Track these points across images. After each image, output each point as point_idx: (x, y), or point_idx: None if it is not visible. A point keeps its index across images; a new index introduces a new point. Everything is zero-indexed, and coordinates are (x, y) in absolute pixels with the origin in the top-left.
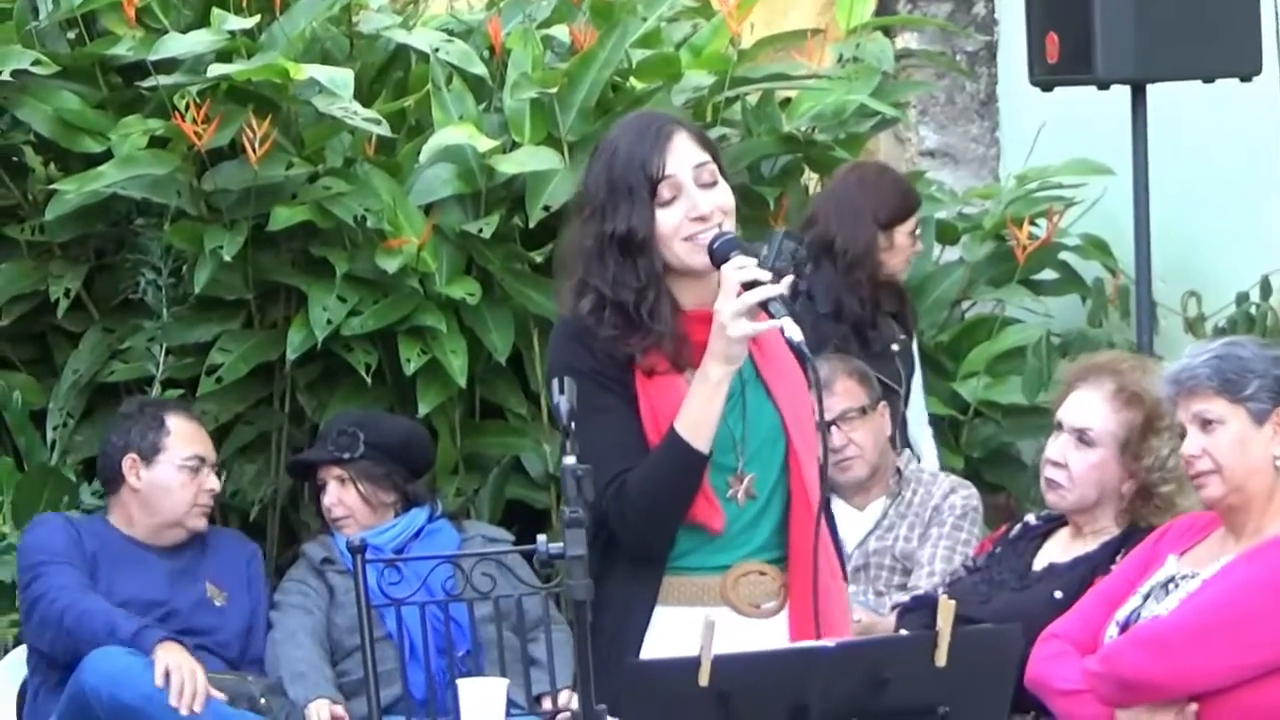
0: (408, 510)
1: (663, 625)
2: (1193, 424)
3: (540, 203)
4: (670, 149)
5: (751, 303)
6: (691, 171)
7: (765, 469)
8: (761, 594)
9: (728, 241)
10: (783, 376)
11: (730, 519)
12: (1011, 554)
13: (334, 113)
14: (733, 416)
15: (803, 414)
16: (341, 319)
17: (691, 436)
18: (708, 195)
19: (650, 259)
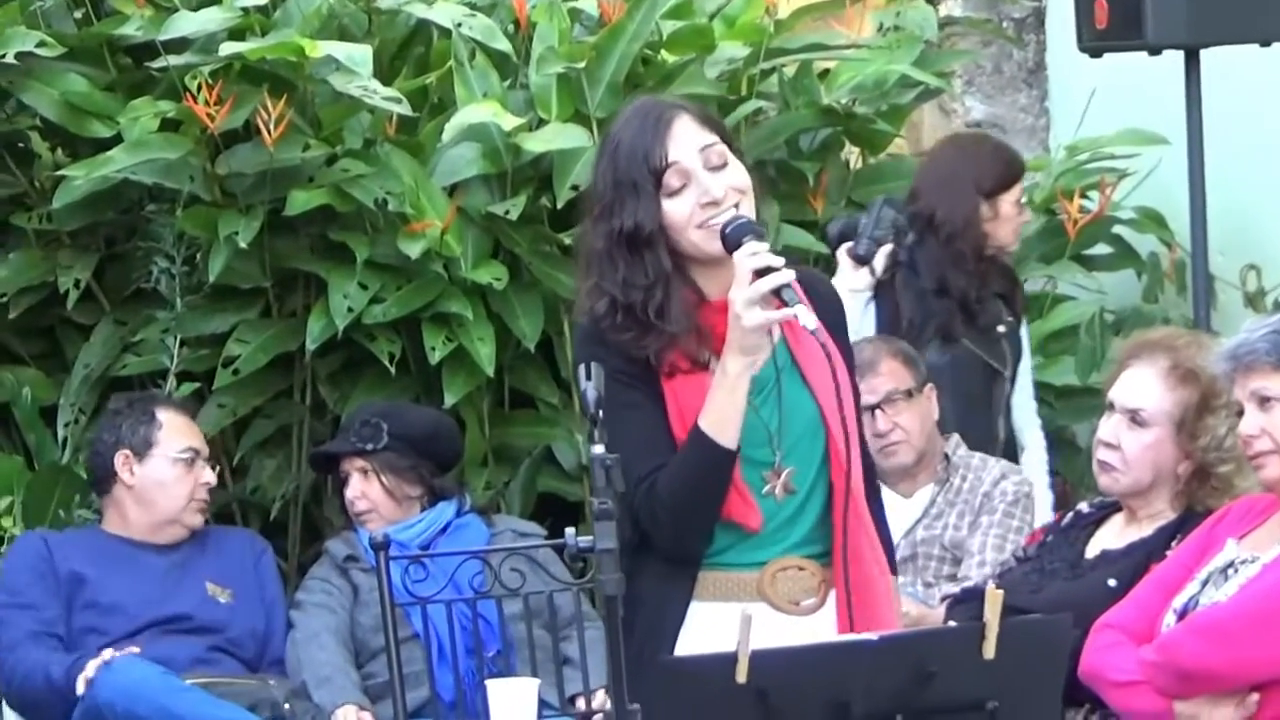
0: (434, 505)
1: (699, 621)
2: (1250, 402)
3: (569, 182)
4: (672, 136)
5: (763, 290)
6: (698, 155)
7: (804, 462)
8: (800, 590)
9: (740, 226)
10: (820, 364)
11: (768, 515)
12: (1063, 542)
13: (352, 91)
14: (766, 408)
15: (844, 396)
16: (363, 307)
17: (716, 433)
18: (718, 178)
19: (658, 255)
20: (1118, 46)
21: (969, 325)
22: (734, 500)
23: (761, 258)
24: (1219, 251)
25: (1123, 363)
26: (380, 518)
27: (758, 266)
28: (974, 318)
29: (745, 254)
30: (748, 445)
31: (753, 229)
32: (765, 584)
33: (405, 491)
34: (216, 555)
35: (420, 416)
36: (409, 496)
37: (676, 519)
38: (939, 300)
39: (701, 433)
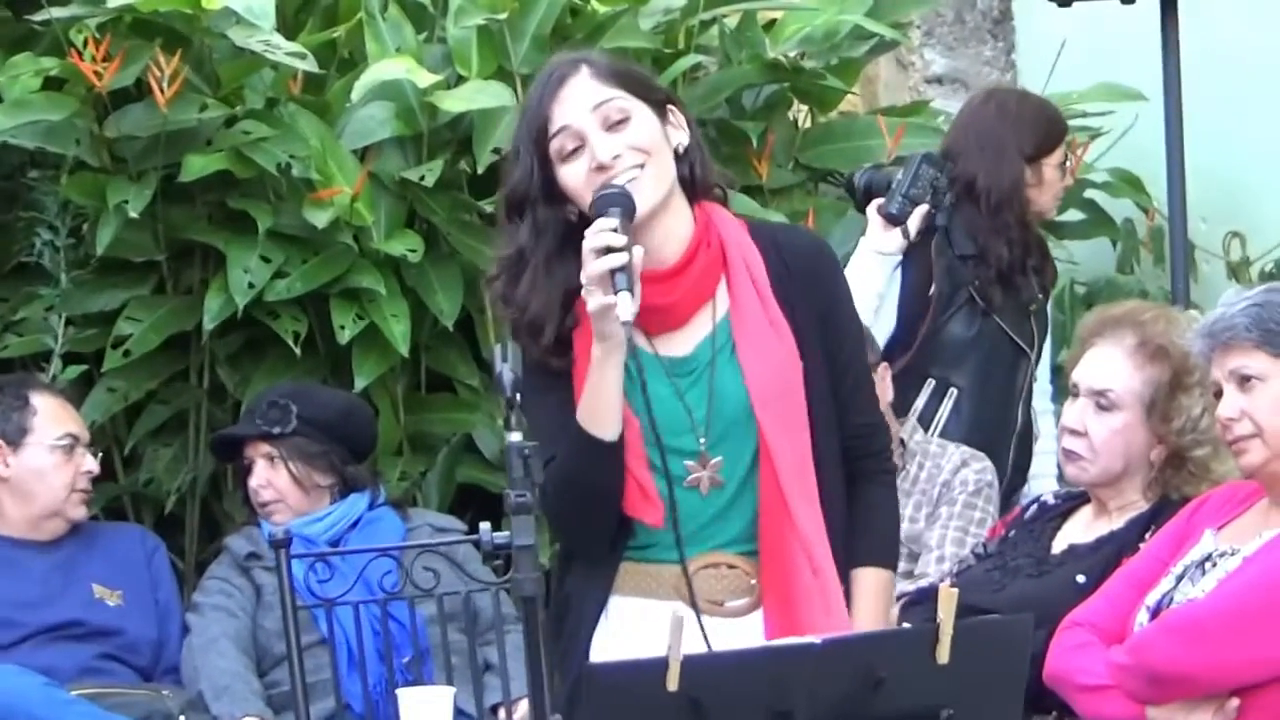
0: (345, 496)
1: (616, 617)
2: (1229, 382)
3: (490, 145)
4: (561, 96)
5: (596, 273)
6: (591, 114)
7: (735, 453)
8: (726, 590)
9: (605, 197)
10: (761, 347)
11: (692, 509)
12: (1027, 537)
13: (253, 47)
14: (694, 393)
15: (783, 389)
16: (265, 282)
17: (589, 424)
18: (612, 138)
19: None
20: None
21: (1007, 298)
22: (632, 493)
23: (601, 236)
24: (1200, 218)
25: (1086, 341)
26: (288, 509)
27: (597, 246)
28: (1016, 291)
29: (591, 231)
30: (668, 432)
31: (618, 201)
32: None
33: (315, 480)
34: (104, 554)
35: (332, 398)
36: (319, 486)
37: (563, 513)
38: (977, 269)
39: (577, 424)
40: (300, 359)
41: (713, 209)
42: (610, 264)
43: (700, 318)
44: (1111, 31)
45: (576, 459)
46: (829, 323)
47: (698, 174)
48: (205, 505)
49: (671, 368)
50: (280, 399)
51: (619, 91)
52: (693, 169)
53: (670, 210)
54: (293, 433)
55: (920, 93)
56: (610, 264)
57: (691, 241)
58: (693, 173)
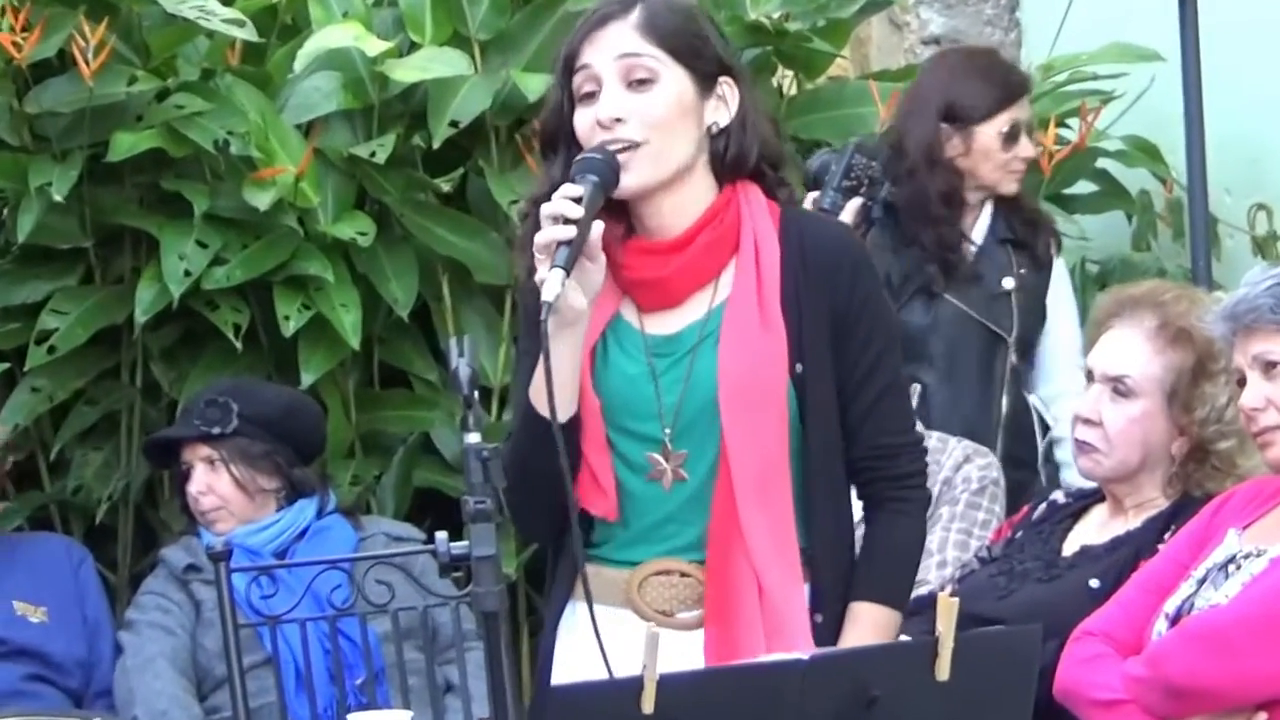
0: (292, 503)
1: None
2: (1253, 368)
3: (446, 118)
4: (596, 36)
5: (542, 242)
6: (614, 65)
7: (700, 448)
8: (676, 599)
9: (586, 161)
10: (742, 339)
11: (650, 505)
12: (1035, 538)
13: (186, 13)
14: (669, 377)
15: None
16: (202, 269)
17: (535, 401)
18: (625, 97)
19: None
20: None
21: (963, 279)
22: (585, 482)
23: (559, 203)
24: (1223, 188)
25: (1101, 324)
26: (230, 517)
27: (552, 212)
28: (952, 274)
29: (556, 194)
30: (631, 416)
31: (598, 170)
32: (633, 589)
33: (259, 484)
34: (25, 567)
35: (277, 395)
36: (264, 491)
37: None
38: (911, 252)
39: (525, 398)
40: (241, 353)
41: (747, 190)
42: (556, 235)
43: (697, 299)
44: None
45: (523, 439)
46: (844, 326)
47: (730, 154)
48: (139, 514)
49: (654, 346)
50: (220, 396)
51: (657, 51)
52: (726, 149)
53: (686, 184)
54: (234, 433)
55: (916, 55)
56: (556, 235)
57: (700, 218)
58: (725, 154)
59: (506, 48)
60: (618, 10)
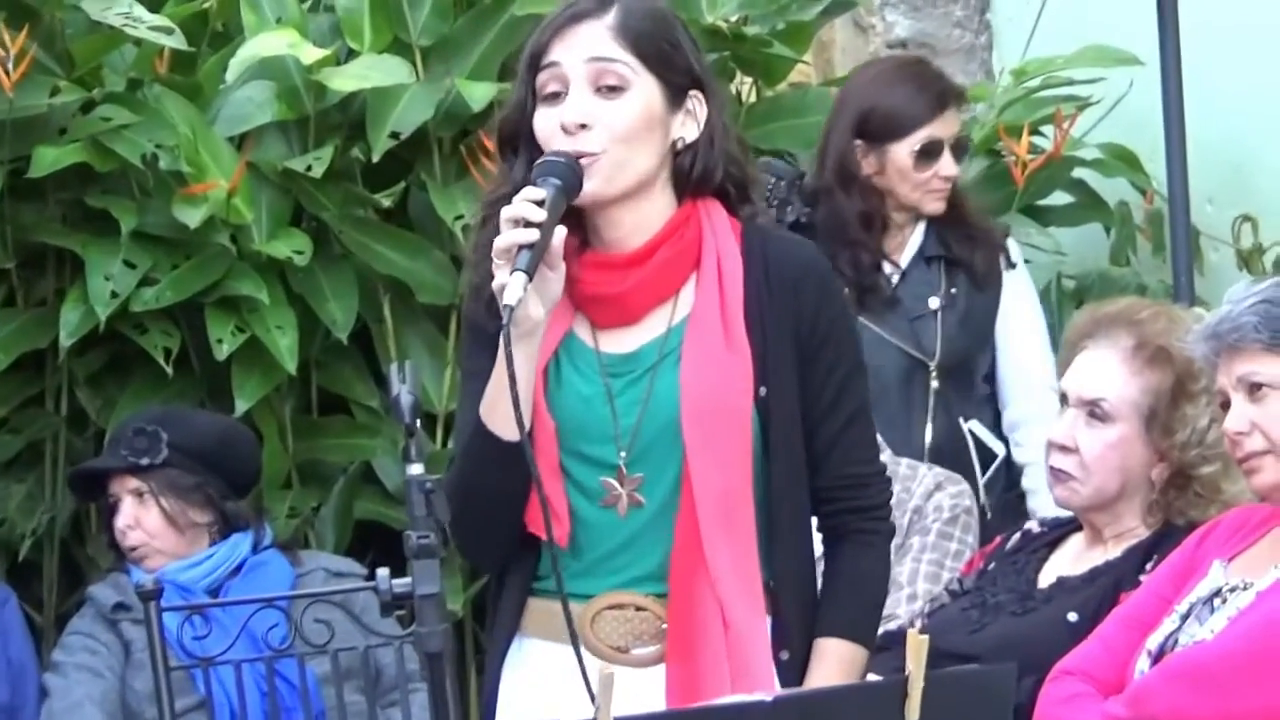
0: (226, 537)
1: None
2: (1237, 390)
3: (386, 128)
4: (568, 33)
5: (502, 245)
6: (584, 66)
7: (658, 472)
8: (631, 634)
9: (549, 164)
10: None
11: (604, 533)
12: (1009, 569)
13: (111, 20)
14: (626, 397)
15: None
16: (130, 290)
17: (487, 418)
18: (591, 102)
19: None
20: None
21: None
22: (536, 506)
23: (521, 206)
24: (1206, 199)
25: (1075, 344)
26: (159, 553)
27: (513, 215)
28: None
29: (517, 197)
30: (584, 439)
31: (561, 173)
32: (586, 624)
33: (191, 518)
34: None
35: (209, 423)
36: (195, 524)
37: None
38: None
39: (477, 417)
40: (172, 379)
41: (709, 206)
42: (518, 238)
43: (655, 316)
44: None
45: (472, 458)
46: (809, 348)
47: (695, 171)
48: (65, 549)
49: (610, 365)
50: (148, 425)
51: (630, 57)
52: (692, 165)
53: (646, 199)
54: (163, 464)
55: None
56: (518, 238)
57: (661, 232)
58: (690, 170)
59: (449, 54)
60: (593, 8)
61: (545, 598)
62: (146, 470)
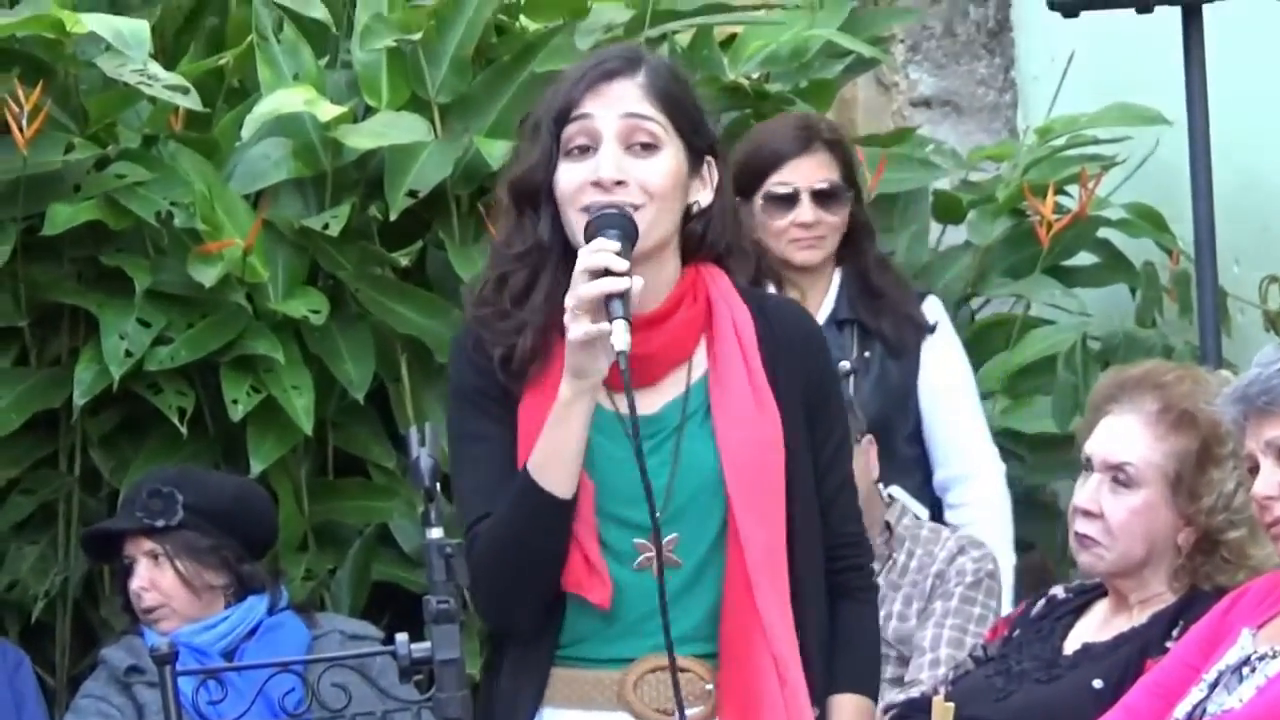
0: (242, 599)
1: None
2: (1266, 455)
3: (404, 187)
4: (601, 88)
5: (589, 296)
6: (618, 121)
7: (695, 531)
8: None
9: (607, 216)
10: (740, 414)
11: (640, 595)
12: (1034, 636)
13: (126, 77)
14: (656, 458)
15: (761, 465)
16: (145, 349)
17: (540, 475)
18: (624, 160)
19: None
20: (1099, 2)
21: None
22: (576, 566)
23: (601, 256)
24: (1233, 259)
25: (1099, 408)
26: (175, 615)
27: (593, 266)
28: None
29: (588, 249)
30: (619, 502)
31: (620, 224)
32: (629, 688)
33: (206, 580)
34: None
35: (223, 484)
36: (211, 587)
37: (492, 581)
38: None
39: (526, 473)
40: (187, 439)
41: (706, 269)
42: (607, 288)
43: (673, 377)
44: (1126, 45)
45: (521, 517)
46: (815, 407)
47: (708, 236)
48: (78, 611)
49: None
50: (163, 486)
51: (662, 117)
52: (705, 232)
53: (659, 262)
54: (179, 525)
55: (905, 118)
56: (607, 288)
57: (675, 293)
58: (703, 235)
59: (468, 112)
60: (623, 66)
61: (572, 666)
62: (162, 532)
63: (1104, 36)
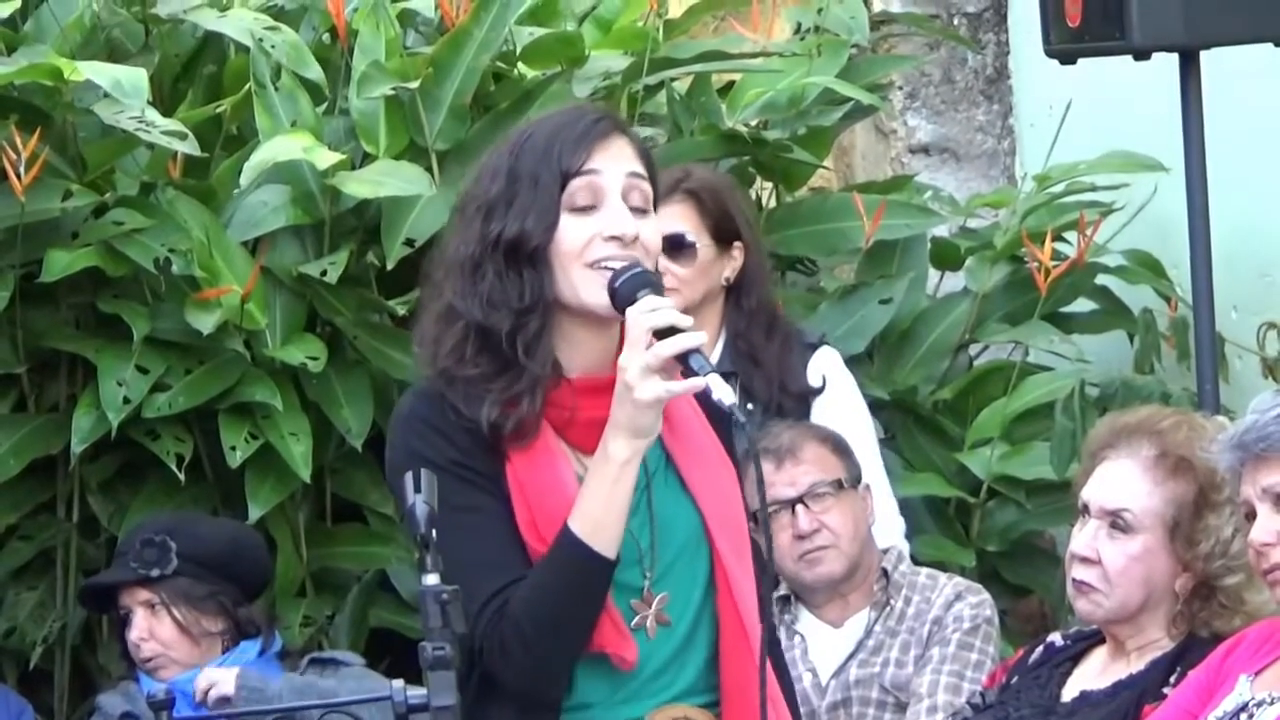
0: (238, 644)
1: None
2: (1264, 501)
3: (402, 234)
4: (604, 145)
5: (666, 355)
6: (623, 180)
7: (683, 587)
8: None
9: (637, 276)
10: (702, 462)
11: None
12: (1032, 684)
13: (124, 124)
14: (636, 520)
15: (732, 510)
16: (143, 396)
17: (591, 537)
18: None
19: (541, 275)
20: (1096, 50)
21: None
22: (605, 628)
23: (664, 314)
24: (1231, 306)
25: (1096, 454)
26: (174, 663)
27: (658, 325)
28: None
29: (643, 309)
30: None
31: (653, 283)
32: None
33: (204, 627)
34: None
35: (216, 529)
36: (209, 633)
37: (535, 649)
38: None
39: (574, 537)
40: (185, 485)
41: None
42: (688, 344)
43: None
44: (1124, 92)
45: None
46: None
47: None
48: (76, 657)
49: None
50: (156, 535)
51: (649, 179)
52: None
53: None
54: (174, 573)
55: (904, 165)
56: (688, 344)
57: None
58: None
59: (466, 159)
60: (617, 124)
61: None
62: (157, 581)
63: (1101, 84)
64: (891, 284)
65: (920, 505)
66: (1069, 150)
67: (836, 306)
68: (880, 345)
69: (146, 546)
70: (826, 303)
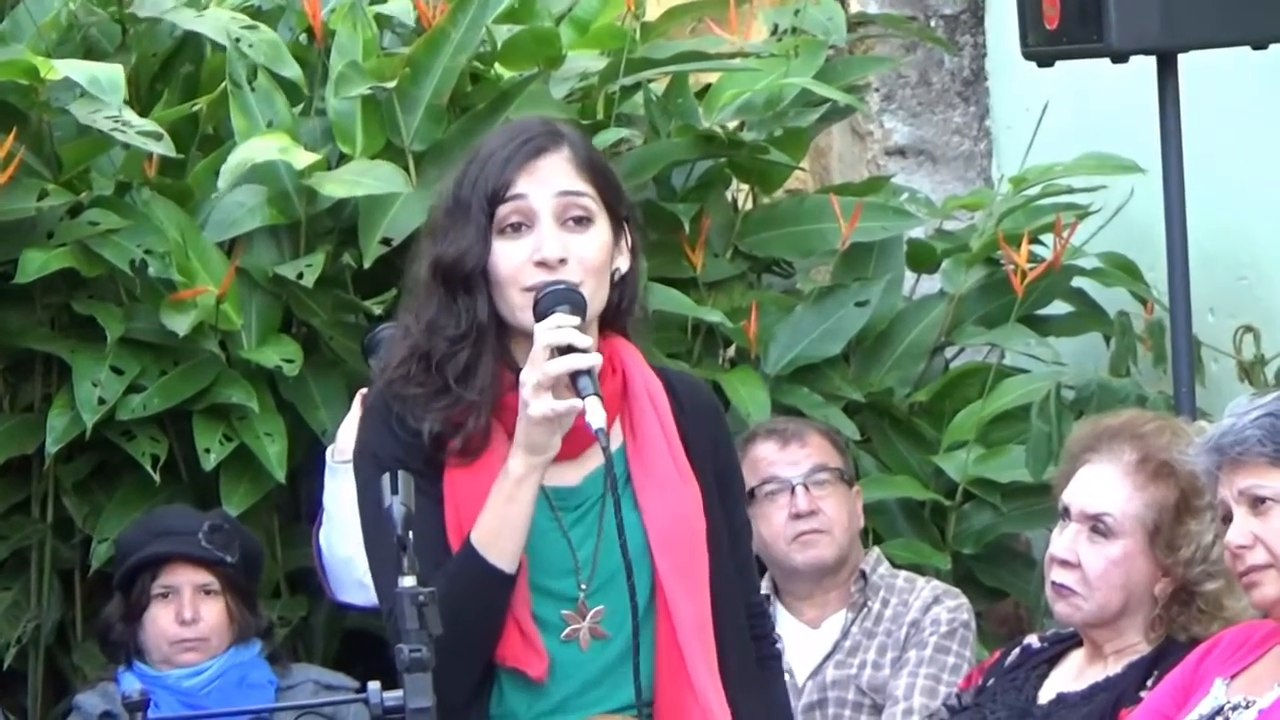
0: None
1: None
2: (1240, 504)
3: (378, 234)
4: (532, 166)
5: (555, 373)
6: (552, 201)
7: (622, 603)
8: None
9: (556, 294)
10: (663, 486)
11: (570, 666)
12: (1008, 686)
13: (100, 124)
14: (580, 529)
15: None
16: (118, 397)
17: (486, 549)
18: (563, 236)
19: (476, 301)
20: (1074, 52)
21: None
22: (513, 640)
23: (564, 333)
24: (1207, 309)
25: (1077, 457)
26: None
27: (557, 343)
28: None
29: (547, 326)
30: (545, 573)
31: (571, 300)
32: None
33: (243, 619)
34: None
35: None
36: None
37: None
38: None
39: (471, 547)
40: (160, 486)
41: (619, 341)
42: (576, 364)
43: (593, 450)
44: (1101, 95)
45: (462, 590)
46: (724, 479)
47: (624, 305)
48: (50, 658)
49: (557, 499)
50: (224, 522)
51: (590, 189)
52: (621, 300)
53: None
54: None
55: (880, 167)
56: (576, 364)
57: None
58: (620, 303)
59: (443, 160)
60: (549, 143)
61: None
62: (219, 565)
63: (1079, 86)
64: (868, 286)
65: (895, 508)
66: (1046, 152)
67: (813, 308)
68: (856, 347)
69: (215, 531)
70: (802, 305)
